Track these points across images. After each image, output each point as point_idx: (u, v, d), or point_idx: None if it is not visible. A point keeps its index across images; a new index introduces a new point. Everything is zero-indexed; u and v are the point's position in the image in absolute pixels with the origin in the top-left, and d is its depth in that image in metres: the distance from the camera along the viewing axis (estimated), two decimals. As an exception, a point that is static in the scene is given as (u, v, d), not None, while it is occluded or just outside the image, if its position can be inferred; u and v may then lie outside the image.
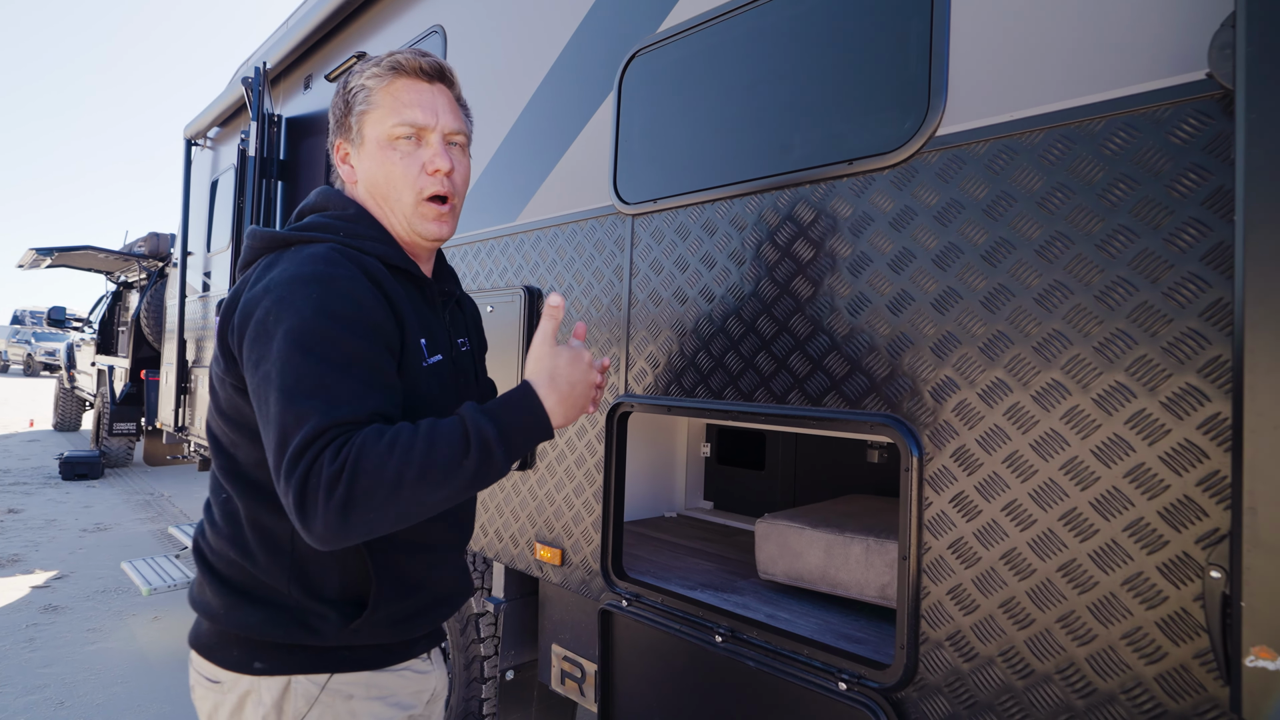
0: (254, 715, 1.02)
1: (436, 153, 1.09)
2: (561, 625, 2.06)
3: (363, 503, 0.84)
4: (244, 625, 1.02)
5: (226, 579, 1.05)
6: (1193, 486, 0.96)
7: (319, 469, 0.84)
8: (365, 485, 0.84)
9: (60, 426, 11.80)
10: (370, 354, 0.94)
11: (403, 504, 0.86)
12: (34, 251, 8.03)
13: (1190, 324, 0.97)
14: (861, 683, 1.29)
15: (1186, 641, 0.96)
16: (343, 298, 0.94)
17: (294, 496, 0.85)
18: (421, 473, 0.86)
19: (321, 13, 3.10)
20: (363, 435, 0.86)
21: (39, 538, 5.68)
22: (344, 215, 1.09)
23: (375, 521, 0.86)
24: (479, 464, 0.89)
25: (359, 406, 0.89)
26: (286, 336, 0.91)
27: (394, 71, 1.10)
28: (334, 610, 1.02)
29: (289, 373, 0.89)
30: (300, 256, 0.99)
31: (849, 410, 1.33)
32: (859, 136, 1.36)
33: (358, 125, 1.11)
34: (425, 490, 0.87)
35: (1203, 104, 0.97)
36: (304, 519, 0.85)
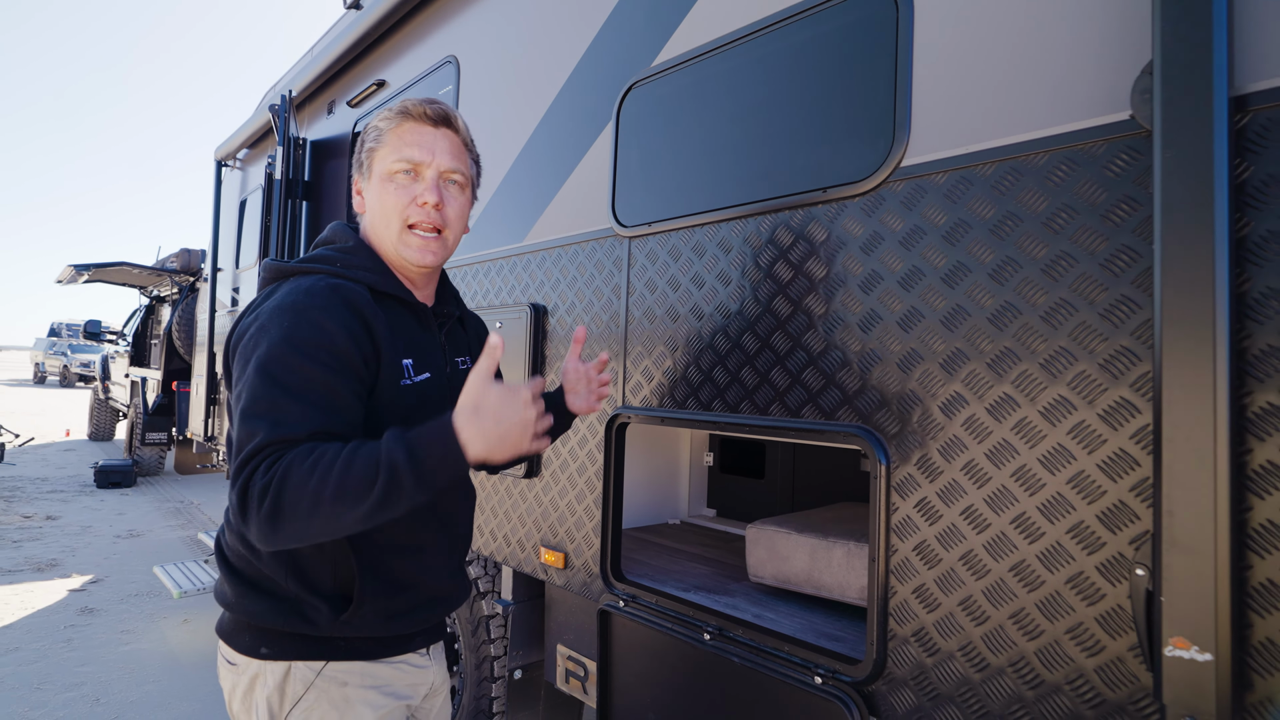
0: (261, 695, 1.15)
1: (428, 186, 1.20)
2: (566, 626, 2.16)
3: (288, 514, 0.93)
4: (251, 613, 1.14)
5: (238, 571, 1.17)
6: (1126, 492, 1.04)
7: (255, 481, 0.94)
8: (289, 499, 0.93)
9: (95, 436, 12.15)
10: (324, 379, 1.03)
11: (321, 521, 0.94)
12: (72, 268, 8.35)
13: (1123, 342, 1.06)
14: (836, 677, 1.37)
15: (1121, 636, 1.04)
16: (309, 326, 1.05)
17: (235, 503, 0.96)
18: (338, 492, 0.92)
19: (344, 43, 3.26)
20: (293, 453, 0.95)
21: (75, 543, 5.90)
22: (344, 248, 1.22)
23: (301, 531, 0.95)
24: (386, 488, 0.94)
25: (300, 427, 0.99)
26: (255, 361, 1.03)
27: (402, 115, 1.22)
28: (326, 603, 1.12)
29: (249, 394, 1.01)
30: (289, 288, 1.11)
31: (824, 421, 1.43)
32: (832, 166, 1.46)
33: (368, 161, 1.24)
34: (339, 509, 0.93)
35: (1132, 140, 1.05)
36: (243, 523, 0.96)
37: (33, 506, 7.13)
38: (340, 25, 3.63)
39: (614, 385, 1.92)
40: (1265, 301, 0.94)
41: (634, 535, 2.50)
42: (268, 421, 0.98)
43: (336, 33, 3.61)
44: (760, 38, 1.61)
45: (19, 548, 5.70)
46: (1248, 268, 0.95)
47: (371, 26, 3.06)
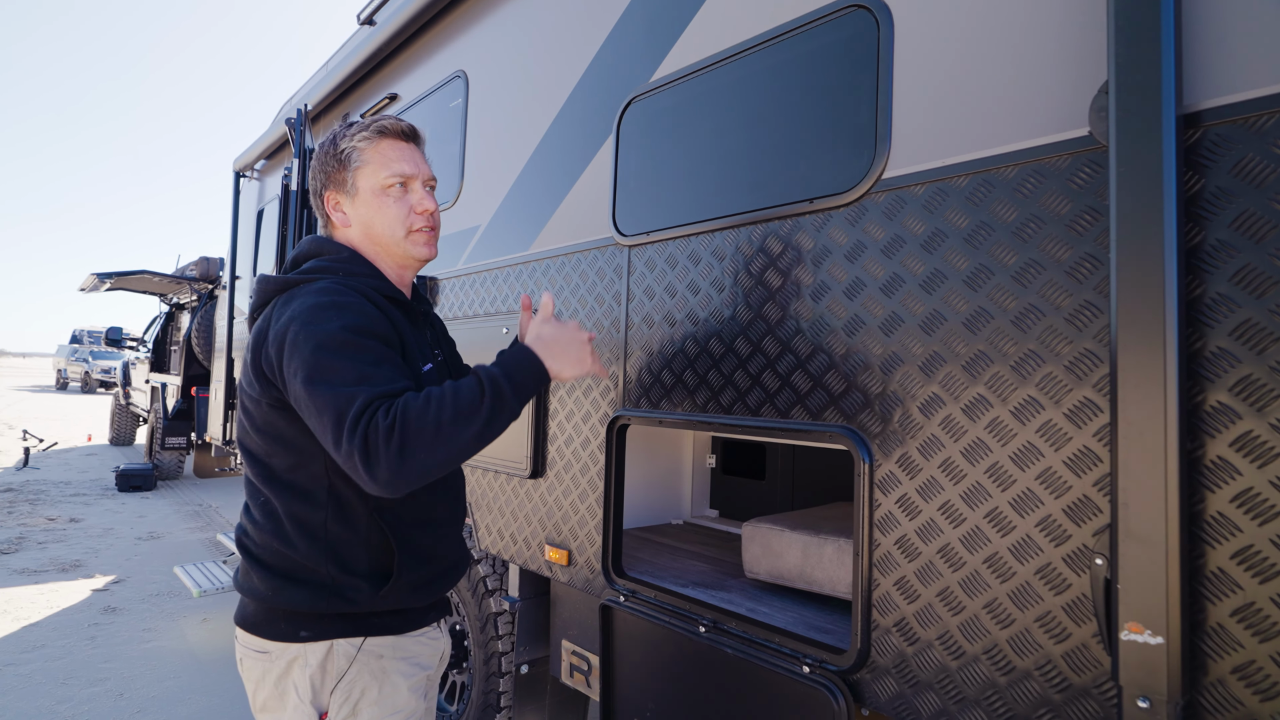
0: (301, 675, 1.23)
1: (423, 196, 1.37)
2: (570, 622, 2.23)
3: (415, 444, 1.04)
4: (291, 601, 1.23)
5: (271, 566, 1.25)
6: (1090, 487, 1.10)
7: (375, 426, 1.05)
8: (414, 430, 1.05)
9: (116, 441, 12.39)
10: (388, 353, 1.17)
11: (444, 446, 1.07)
12: (95, 276, 8.55)
13: (1087, 345, 1.12)
14: (822, 666, 1.43)
15: (1085, 623, 1.10)
16: (357, 315, 1.17)
17: (359, 452, 1.04)
18: (454, 414, 1.08)
19: (357, 58, 3.37)
20: (404, 397, 1.08)
21: (98, 545, 6.05)
22: (339, 258, 1.32)
23: (425, 463, 1.06)
24: (494, 401, 1.12)
25: (394, 385, 1.12)
26: (319, 349, 1.12)
27: (380, 134, 1.35)
28: (365, 581, 1.24)
29: (332, 372, 1.10)
30: (311, 291, 1.21)
31: (811, 422, 1.49)
32: (818, 178, 1.52)
33: (353, 179, 1.34)
34: (459, 429, 1.08)
35: (1093, 155, 1.12)
36: (370, 468, 1.04)
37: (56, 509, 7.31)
38: (354, 41, 3.74)
39: (614, 388, 2.00)
40: (1216, 306, 1.00)
41: (637, 535, 2.57)
42: (364, 385, 1.09)
43: (351, 48, 3.72)
44: (751, 55, 1.68)
45: (44, 549, 5.86)
46: (1199, 275, 1.01)
47: (384, 42, 3.16)
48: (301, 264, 1.34)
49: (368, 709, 1.25)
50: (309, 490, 1.23)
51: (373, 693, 1.25)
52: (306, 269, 1.31)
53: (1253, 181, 0.97)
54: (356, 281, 1.27)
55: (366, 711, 1.25)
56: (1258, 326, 0.96)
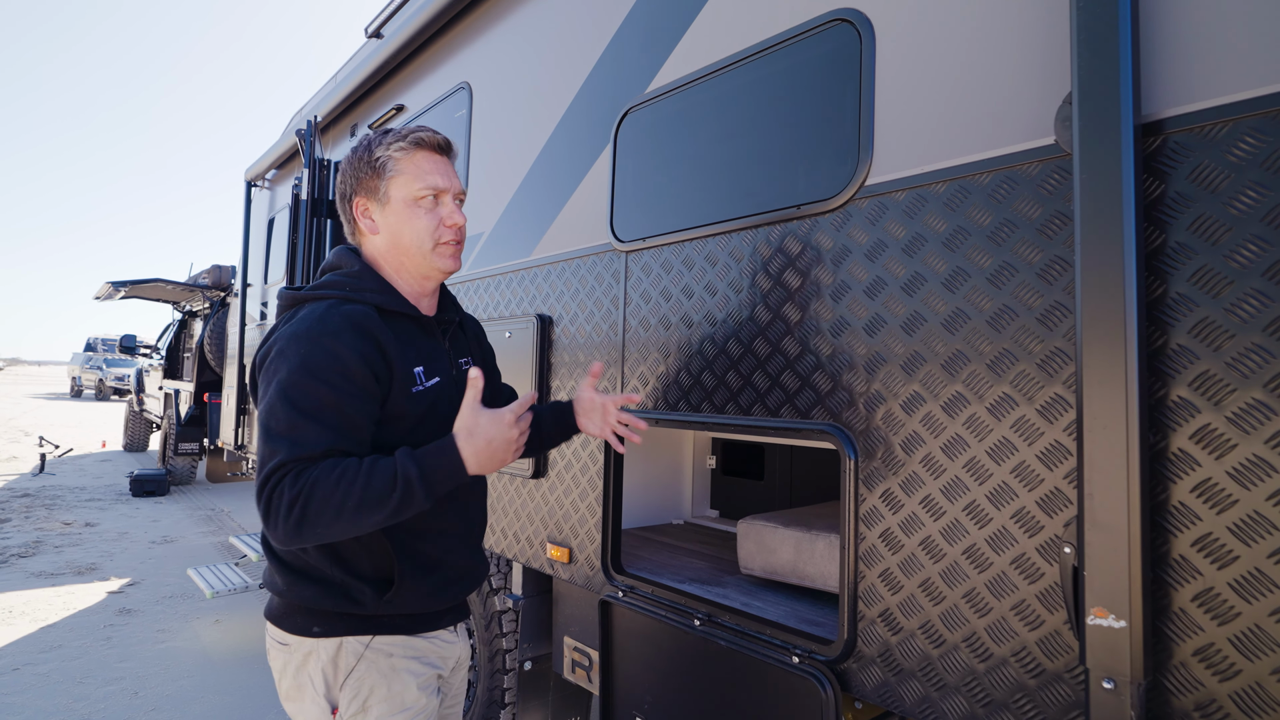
0: (315, 669, 1.28)
1: (453, 210, 1.38)
2: (572, 619, 2.29)
3: (313, 521, 1.10)
4: (303, 597, 1.28)
5: (287, 562, 1.30)
6: (1061, 479, 1.15)
7: (280, 493, 1.10)
8: (316, 509, 1.09)
9: (130, 447, 12.54)
10: (336, 401, 1.17)
11: (343, 524, 1.12)
12: (110, 284, 8.70)
13: (1057, 344, 1.17)
14: (811, 657, 1.48)
15: (1058, 610, 1.14)
16: (322, 352, 1.18)
17: (261, 511, 1.12)
18: (359, 503, 1.11)
19: (365, 70, 3.46)
20: (319, 469, 1.11)
21: (113, 548, 6.16)
22: (350, 273, 1.34)
23: (323, 535, 1.12)
24: (402, 498, 1.14)
25: (316, 446, 1.14)
26: (276, 386, 1.17)
27: (417, 145, 1.36)
28: (369, 586, 1.27)
29: (270, 416, 1.16)
30: (304, 314, 1.25)
31: (800, 420, 1.55)
32: (806, 184, 1.58)
33: (386, 188, 1.35)
34: (361, 515, 1.12)
35: (1061, 162, 1.17)
36: (269, 528, 1.12)
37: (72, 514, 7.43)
38: (362, 53, 3.83)
39: (612, 390, 2.06)
40: (1176, 306, 1.05)
41: (639, 534, 2.62)
42: (287, 442, 1.13)
43: (358, 60, 3.81)
44: (742, 67, 1.74)
45: (60, 553, 5.96)
46: (1161, 276, 1.06)
47: (391, 54, 3.25)
48: (324, 275, 1.38)
49: (377, 706, 1.29)
50: None
51: (381, 690, 1.29)
52: (318, 283, 1.34)
53: (1209, 187, 1.02)
54: (361, 297, 1.29)
55: (376, 709, 1.29)
56: (1215, 325, 1.01)
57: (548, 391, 2.31)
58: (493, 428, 1.23)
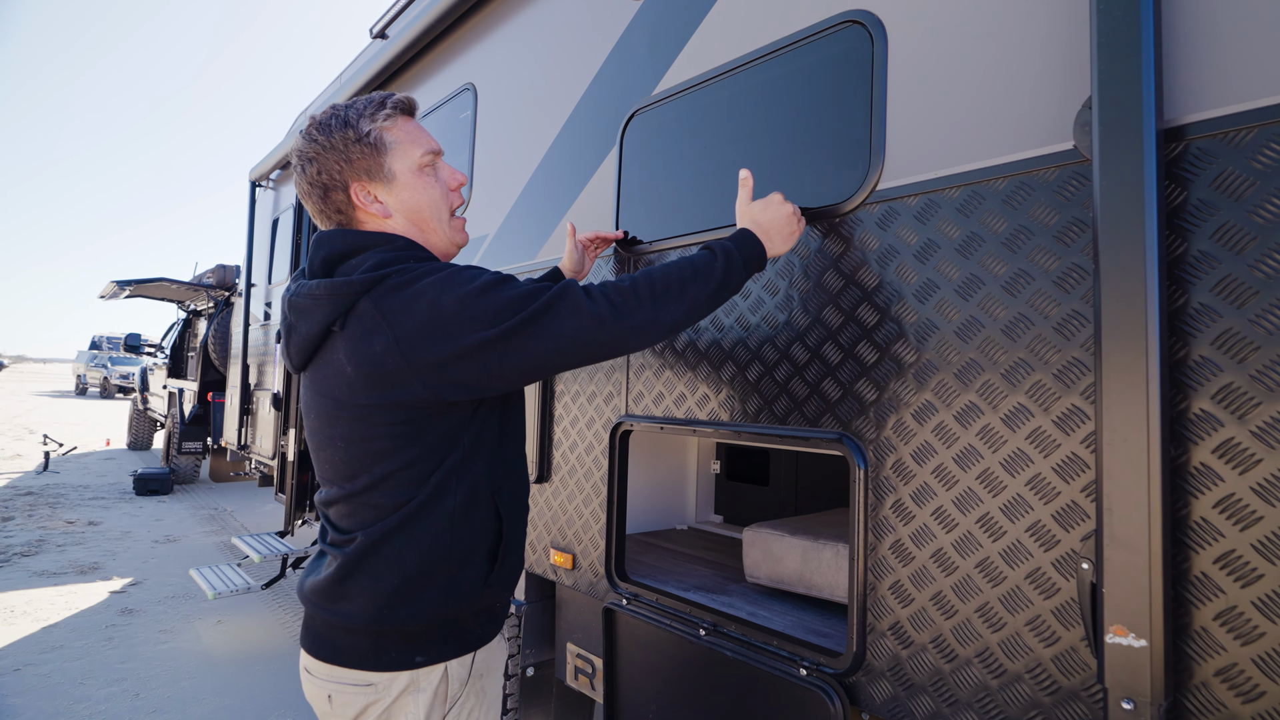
0: (414, 704, 1.16)
1: (452, 170, 1.32)
2: (575, 625, 2.26)
3: (662, 294, 1.17)
4: (408, 618, 1.15)
5: (386, 578, 1.15)
6: (1078, 493, 1.12)
7: (613, 286, 1.17)
8: (660, 281, 1.17)
9: (134, 445, 12.56)
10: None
11: (687, 297, 1.20)
12: (114, 284, 8.71)
13: (1074, 354, 1.14)
14: (819, 669, 1.46)
15: (1074, 627, 1.12)
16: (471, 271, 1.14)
17: (607, 307, 1.14)
18: (693, 271, 1.22)
19: (370, 70, 3.44)
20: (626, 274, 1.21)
21: (116, 548, 6.16)
22: (396, 246, 1.20)
23: (674, 312, 1.20)
24: (724, 274, 1.26)
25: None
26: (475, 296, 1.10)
27: (400, 111, 1.27)
28: (479, 569, 1.22)
29: (510, 304, 1.10)
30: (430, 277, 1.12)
31: (808, 428, 1.52)
32: (815, 189, 1.56)
33: (389, 164, 1.23)
34: (697, 286, 1.22)
35: (1080, 168, 1.14)
36: (620, 317, 1.14)
37: (75, 512, 7.44)
38: (367, 54, 3.82)
39: (617, 395, 2.03)
40: (1198, 316, 1.02)
41: (642, 540, 2.60)
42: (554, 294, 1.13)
43: (363, 61, 3.80)
44: (750, 69, 1.72)
45: (63, 551, 5.96)
46: (1182, 285, 1.03)
47: (396, 55, 3.23)
48: (337, 263, 1.19)
49: None
50: (443, 482, 1.17)
51: (478, 714, 1.24)
52: (377, 263, 1.15)
53: (1233, 194, 1.00)
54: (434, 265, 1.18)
55: None
56: (1238, 336, 0.98)
57: (551, 397, 2.29)
58: (771, 208, 1.42)
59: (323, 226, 1.27)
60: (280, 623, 4.51)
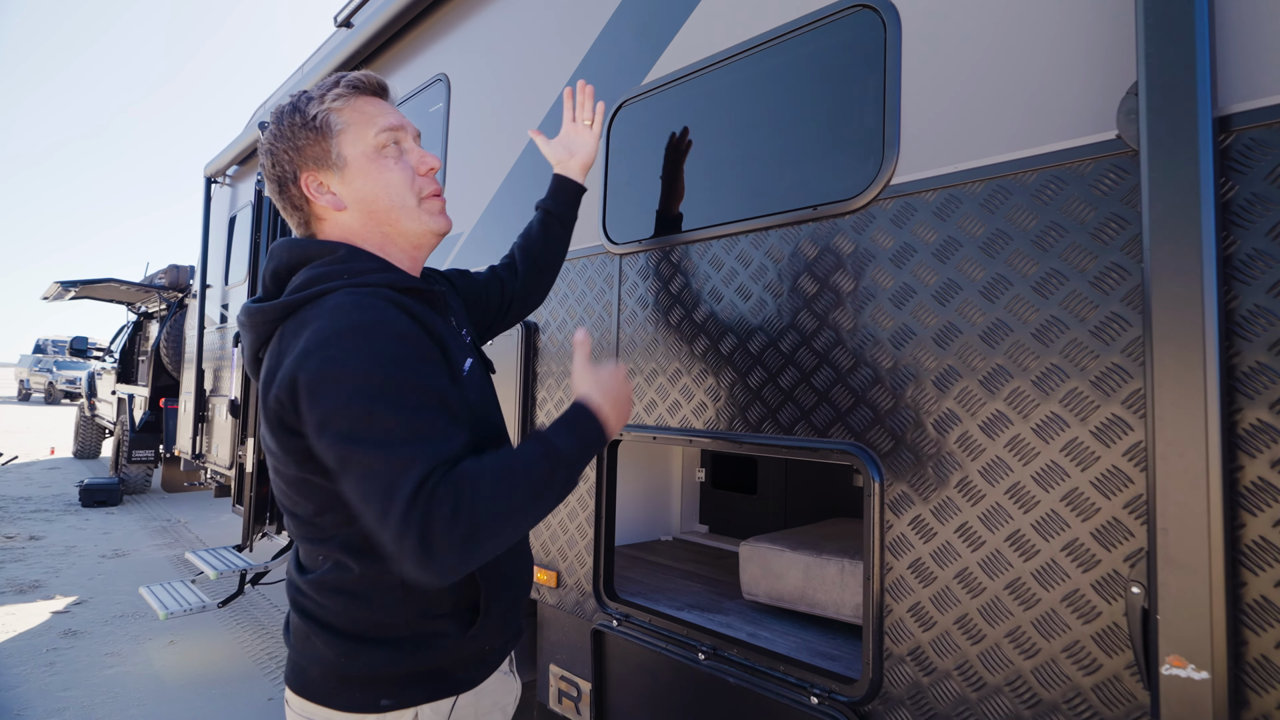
0: None
1: (423, 153, 1.15)
2: (558, 646, 2.14)
3: (485, 530, 0.90)
4: (372, 665, 1.03)
5: (340, 630, 1.05)
6: (1120, 509, 1.04)
7: (436, 508, 0.87)
8: (485, 513, 0.89)
9: (80, 454, 12.01)
10: (437, 387, 0.97)
11: (514, 527, 0.94)
12: (58, 284, 8.28)
13: (1114, 359, 1.06)
14: (832, 697, 1.36)
15: (1118, 654, 1.04)
16: (390, 341, 0.95)
17: (415, 540, 0.86)
18: (527, 497, 0.95)
19: (334, 61, 3.26)
20: (464, 472, 0.91)
21: (59, 564, 5.81)
22: (336, 259, 1.06)
23: (493, 549, 0.93)
24: (565, 479, 1.00)
25: (452, 441, 0.93)
26: (355, 395, 0.91)
27: (355, 90, 1.12)
28: (451, 622, 1.06)
29: (375, 426, 0.91)
30: (325, 312, 0.97)
31: (817, 439, 1.42)
32: (822, 184, 1.46)
33: (337, 149, 1.09)
34: (531, 512, 0.96)
35: (1119, 160, 1.06)
36: (426, 559, 0.87)
37: (15, 526, 7.02)
38: (331, 43, 3.64)
39: (606, 402, 1.92)
40: (1253, 319, 0.95)
41: (626, 553, 2.48)
42: (416, 446, 0.90)
43: (327, 50, 3.61)
44: (749, 57, 1.62)
45: (1, 569, 5.61)
46: (1235, 285, 0.96)
47: (362, 45, 3.07)
48: (286, 278, 1.08)
49: None
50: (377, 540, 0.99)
51: None
52: (303, 282, 1.04)
53: (1292, 188, 0.92)
54: (365, 280, 1.03)
55: None
56: (1300, 340, 0.91)
57: (533, 404, 2.17)
58: (612, 381, 1.15)
59: (291, 226, 1.17)
60: (239, 643, 4.28)
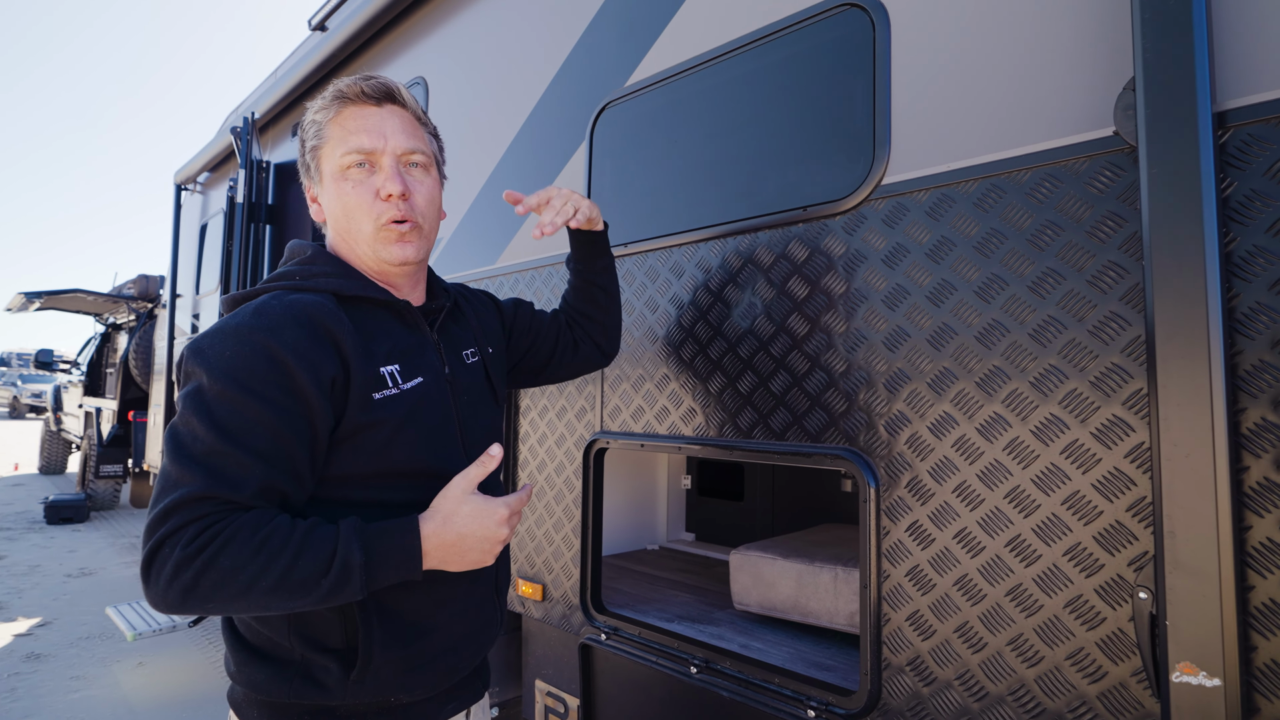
0: None
1: (388, 176, 1.05)
2: (544, 661, 2.08)
3: (205, 595, 0.83)
4: (252, 684, 0.98)
5: (240, 637, 1.01)
6: (1123, 512, 1.02)
7: (174, 544, 0.82)
8: (214, 580, 0.82)
9: (46, 470, 11.67)
10: (272, 421, 0.89)
11: (242, 605, 0.85)
12: (22, 295, 8.05)
13: (1114, 359, 1.04)
14: (829, 710, 1.32)
15: (1124, 660, 1.01)
16: (254, 356, 0.90)
17: (144, 558, 0.83)
18: (276, 584, 0.84)
19: (308, 65, 3.20)
20: (238, 524, 0.84)
21: (22, 584, 5.61)
22: (303, 259, 1.08)
23: (213, 610, 0.85)
24: (333, 587, 0.87)
25: (244, 483, 0.87)
26: (192, 396, 0.89)
27: (339, 101, 1.06)
28: (336, 661, 0.96)
29: (186, 432, 0.87)
30: (239, 309, 0.97)
31: (810, 444, 1.39)
32: (812, 185, 1.44)
33: (315, 162, 1.09)
34: (272, 599, 0.85)
35: (1115, 157, 1.05)
36: (145, 581, 0.83)
37: (-23, 546, 6.78)
38: (305, 47, 3.57)
39: (590, 410, 1.87)
40: (1254, 317, 0.93)
41: (613, 563, 2.44)
42: (203, 470, 0.85)
43: (301, 54, 3.55)
44: (736, 57, 1.59)
45: (-40, 591, 5.40)
46: (1235, 283, 0.95)
47: (337, 49, 3.01)
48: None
49: None
50: None
51: None
52: (267, 278, 1.07)
53: (1292, 184, 0.91)
54: (313, 284, 1.02)
55: None
56: (1303, 338, 0.90)
57: (515, 413, 2.11)
58: (475, 521, 0.95)
59: None
60: (210, 662, 4.15)
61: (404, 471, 1.01)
